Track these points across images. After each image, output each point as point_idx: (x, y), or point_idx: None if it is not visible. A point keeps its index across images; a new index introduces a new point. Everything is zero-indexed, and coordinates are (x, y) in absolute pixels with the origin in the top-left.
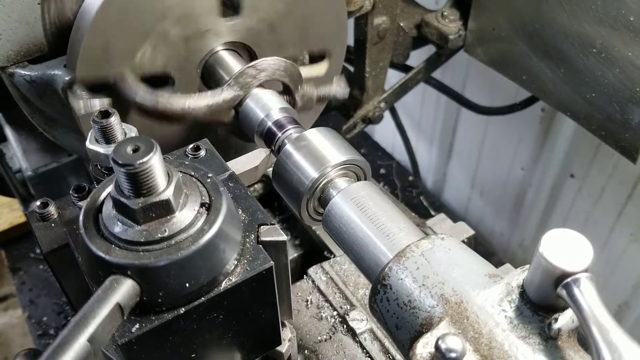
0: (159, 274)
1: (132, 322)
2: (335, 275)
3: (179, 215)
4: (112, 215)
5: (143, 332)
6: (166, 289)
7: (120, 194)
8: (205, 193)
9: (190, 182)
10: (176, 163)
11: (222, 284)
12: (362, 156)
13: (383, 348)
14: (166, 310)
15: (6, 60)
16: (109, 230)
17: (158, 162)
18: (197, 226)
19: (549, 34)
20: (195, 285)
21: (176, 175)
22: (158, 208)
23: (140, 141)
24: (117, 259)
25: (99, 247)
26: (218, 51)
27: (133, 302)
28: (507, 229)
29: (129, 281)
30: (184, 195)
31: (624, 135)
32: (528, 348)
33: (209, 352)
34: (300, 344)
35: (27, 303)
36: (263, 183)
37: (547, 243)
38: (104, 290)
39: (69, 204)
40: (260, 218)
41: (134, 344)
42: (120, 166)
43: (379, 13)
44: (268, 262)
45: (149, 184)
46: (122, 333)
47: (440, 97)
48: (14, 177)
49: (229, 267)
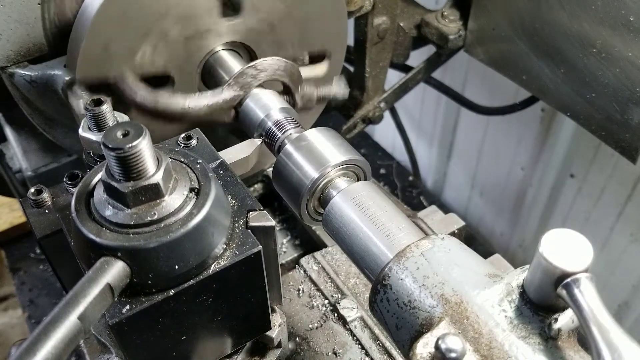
0: (148, 256)
1: (123, 303)
2: (326, 264)
3: (168, 199)
4: (103, 199)
5: (133, 313)
6: (156, 270)
7: (111, 177)
8: (194, 178)
9: (180, 168)
10: (166, 149)
11: (211, 267)
12: (362, 156)
13: (373, 335)
14: (156, 292)
15: (6, 60)
16: (100, 213)
17: (147, 147)
18: (186, 210)
19: (549, 34)
20: (185, 267)
21: (165, 160)
22: (147, 192)
23: (130, 126)
24: (108, 241)
25: (90, 230)
26: (218, 51)
27: (123, 284)
28: (507, 229)
29: (119, 263)
30: (174, 179)
31: (624, 135)
32: (528, 348)
33: (199, 335)
34: (291, 332)
35: (27, 303)
36: (263, 183)
37: (547, 243)
38: (95, 271)
39: (63, 191)
40: (249, 204)
41: (124, 324)
42: (111, 150)
43: (379, 13)
44: (256, 246)
45: (139, 168)
46: (112, 314)
47: (440, 97)
48: (14, 177)
49: (218, 251)
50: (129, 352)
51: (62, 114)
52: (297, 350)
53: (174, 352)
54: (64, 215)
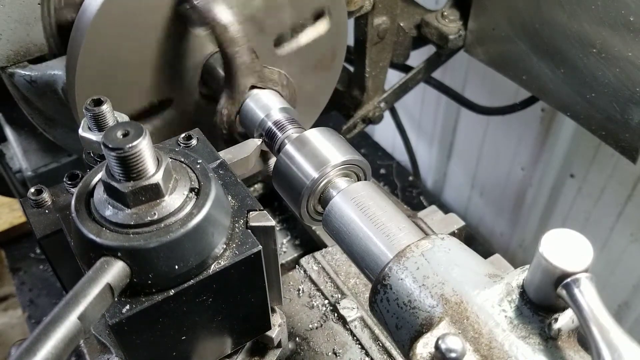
0: (148, 256)
1: (123, 303)
2: (326, 264)
3: (168, 199)
4: (103, 199)
5: (133, 313)
6: (156, 270)
7: (111, 177)
8: (194, 178)
9: (180, 168)
10: (166, 149)
11: (211, 267)
12: (362, 156)
13: (373, 335)
14: (156, 292)
15: (6, 60)
16: (100, 213)
17: (147, 147)
18: (186, 210)
19: (549, 34)
20: (185, 267)
21: (165, 160)
22: (148, 192)
23: (130, 126)
24: (108, 241)
25: (90, 230)
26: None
27: (123, 284)
28: (507, 229)
29: (119, 263)
30: (174, 179)
31: (624, 135)
32: (528, 348)
33: (199, 335)
34: (291, 332)
35: (27, 303)
36: (263, 183)
37: (547, 243)
38: (95, 271)
39: (63, 191)
40: (249, 204)
41: (124, 324)
42: (111, 150)
43: (379, 13)
44: (256, 246)
45: (139, 168)
46: (112, 314)
47: (440, 97)
48: (14, 177)
49: (218, 251)
50: (129, 352)
51: (62, 114)
52: (297, 350)
53: (174, 352)
54: (64, 215)
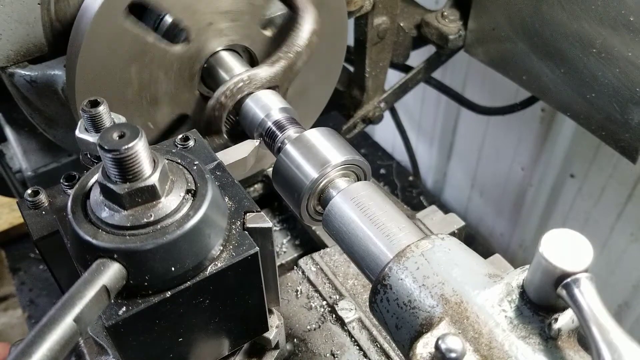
0: (144, 258)
1: (119, 305)
2: (325, 265)
3: (165, 201)
4: (99, 201)
5: (130, 315)
6: (152, 272)
7: (107, 179)
8: (191, 180)
9: (177, 169)
10: (163, 151)
11: (207, 269)
12: (362, 156)
13: (371, 336)
14: (153, 294)
15: (6, 60)
16: (96, 215)
17: (143, 148)
18: (182, 212)
19: (549, 34)
20: (181, 269)
21: (162, 161)
22: (144, 193)
23: (126, 127)
24: (104, 242)
25: (87, 232)
26: (218, 51)
27: (120, 285)
28: (507, 229)
29: (115, 264)
30: (170, 181)
31: (624, 135)
32: (528, 348)
33: (196, 337)
34: (289, 333)
35: (27, 303)
36: (263, 183)
37: (547, 243)
38: (91, 273)
39: (60, 192)
40: (246, 205)
41: (120, 326)
42: (107, 151)
43: (379, 13)
44: (253, 247)
45: (135, 170)
46: (109, 316)
47: (440, 97)
48: (14, 177)
49: (215, 253)
50: (126, 354)
51: (62, 114)
52: (295, 352)
53: (170, 353)
54: (60, 216)
